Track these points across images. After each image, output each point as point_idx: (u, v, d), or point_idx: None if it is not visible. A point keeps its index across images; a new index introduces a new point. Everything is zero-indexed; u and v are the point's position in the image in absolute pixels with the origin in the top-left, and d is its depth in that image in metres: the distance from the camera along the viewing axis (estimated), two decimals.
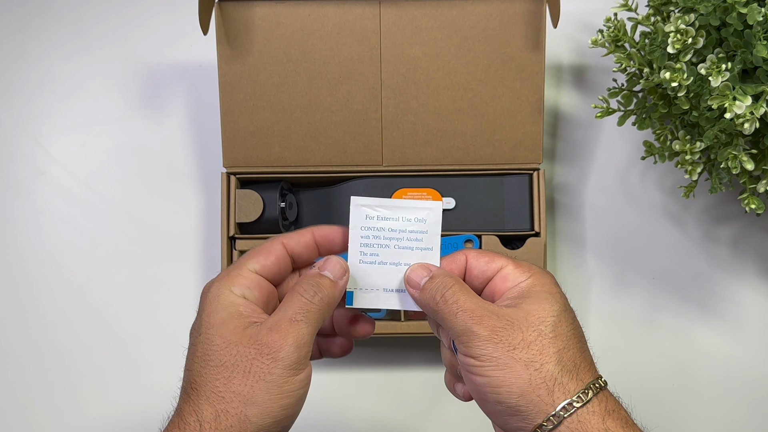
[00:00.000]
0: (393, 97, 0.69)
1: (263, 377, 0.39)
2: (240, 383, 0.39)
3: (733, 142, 0.61)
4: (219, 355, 0.40)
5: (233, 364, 0.40)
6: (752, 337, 0.74)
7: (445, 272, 0.44)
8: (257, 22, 0.67)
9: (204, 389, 0.40)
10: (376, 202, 0.46)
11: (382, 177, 0.71)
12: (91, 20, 0.79)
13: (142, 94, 0.78)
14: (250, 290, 0.43)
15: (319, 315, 0.42)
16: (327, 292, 0.42)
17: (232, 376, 0.40)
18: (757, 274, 0.75)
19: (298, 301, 0.41)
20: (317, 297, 0.42)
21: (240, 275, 0.43)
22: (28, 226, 0.77)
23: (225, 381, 0.40)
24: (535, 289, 0.43)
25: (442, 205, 0.46)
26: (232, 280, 0.43)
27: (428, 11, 0.67)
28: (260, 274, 0.43)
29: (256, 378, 0.39)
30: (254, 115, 0.69)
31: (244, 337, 0.40)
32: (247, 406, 0.39)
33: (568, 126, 0.77)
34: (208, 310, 0.42)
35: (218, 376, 0.40)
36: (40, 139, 0.78)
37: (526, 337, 0.40)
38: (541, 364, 0.40)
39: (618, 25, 0.64)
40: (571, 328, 0.42)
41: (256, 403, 0.39)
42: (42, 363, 0.75)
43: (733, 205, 0.76)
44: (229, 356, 0.40)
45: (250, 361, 0.40)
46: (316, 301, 0.42)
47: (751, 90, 0.56)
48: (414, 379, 0.74)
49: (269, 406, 0.39)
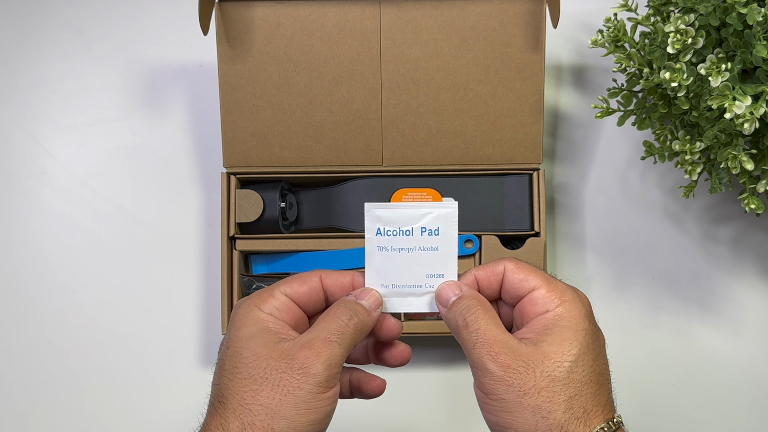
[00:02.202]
0: (393, 97, 0.69)
1: (292, 391, 0.40)
2: (268, 396, 0.40)
3: (733, 142, 0.61)
4: (248, 368, 0.40)
5: (262, 377, 0.40)
6: (752, 337, 0.75)
7: (472, 294, 0.44)
8: (257, 22, 0.67)
9: (231, 402, 0.40)
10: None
11: (382, 177, 0.71)
12: (91, 20, 0.79)
13: (143, 94, 0.78)
14: (279, 311, 0.43)
15: (352, 339, 0.42)
16: (362, 319, 0.43)
17: (260, 389, 0.40)
18: (757, 274, 0.75)
19: (333, 322, 0.42)
20: (353, 322, 0.42)
21: (271, 296, 0.44)
22: (28, 226, 0.77)
23: (253, 394, 0.40)
24: (560, 324, 0.42)
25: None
26: (262, 299, 0.44)
27: (428, 11, 0.67)
28: (291, 298, 0.44)
29: (285, 392, 0.40)
30: (254, 115, 0.69)
31: (274, 351, 0.41)
32: (274, 419, 0.39)
33: (568, 126, 0.77)
34: (236, 326, 0.43)
35: (246, 389, 0.40)
36: (41, 139, 0.78)
37: (537, 383, 0.40)
38: (549, 412, 0.40)
39: (618, 26, 0.64)
40: (589, 371, 0.41)
41: (283, 417, 0.39)
42: (42, 363, 0.75)
43: (733, 205, 0.76)
44: (258, 369, 0.40)
45: (280, 374, 0.40)
46: (351, 326, 0.42)
47: (750, 90, 0.56)
48: (414, 379, 0.74)
49: (297, 421, 0.39)
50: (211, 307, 0.75)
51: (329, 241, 0.69)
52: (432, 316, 0.73)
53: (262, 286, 0.72)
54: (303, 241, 0.69)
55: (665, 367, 0.74)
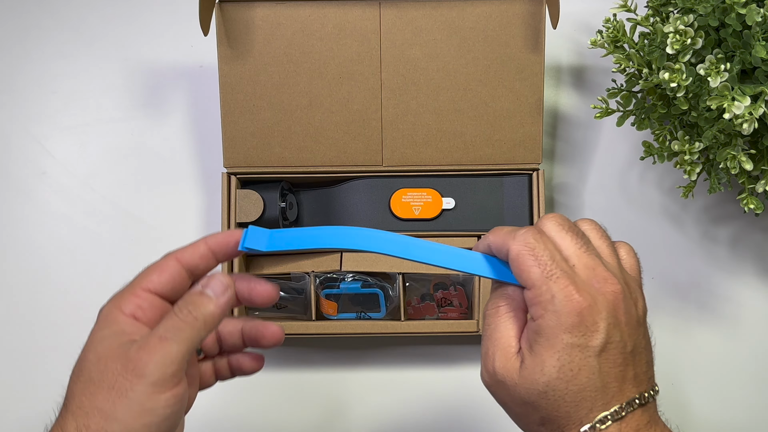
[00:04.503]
0: (393, 97, 0.69)
1: (125, 393, 0.39)
2: (103, 399, 0.39)
3: (732, 143, 0.61)
4: (88, 371, 0.40)
5: (99, 380, 0.39)
6: (751, 337, 0.75)
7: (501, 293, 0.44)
8: (257, 22, 0.68)
9: (71, 404, 0.40)
10: None
11: (382, 177, 0.71)
12: (92, 20, 0.79)
13: (143, 95, 0.78)
14: (142, 310, 0.42)
15: (194, 334, 0.40)
16: (204, 310, 0.41)
17: (97, 392, 0.39)
18: (756, 274, 0.75)
19: (170, 320, 0.41)
20: (191, 316, 0.41)
21: (132, 294, 0.42)
22: (28, 225, 0.77)
23: (90, 396, 0.39)
24: (539, 341, 0.41)
25: None
26: (124, 299, 0.42)
27: (428, 12, 0.68)
28: (154, 292, 0.43)
29: (118, 394, 0.39)
30: (255, 115, 0.69)
31: (115, 353, 0.40)
32: (108, 422, 0.38)
33: (567, 126, 0.77)
34: (94, 328, 0.42)
35: (85, 392, 0.40)
36: (41, 139, 0.78)
37: (512, 401, 0.43)
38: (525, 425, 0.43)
39: (617, 26, 0.64)
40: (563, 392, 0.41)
41: (117, 420, 0.38)
42: (42, 363, 0.75)
43: (732, 205, 0.76)
44: (96, 372, 0.40)
45: (116, 377, 0.39)
46: (189, 320, 0.40)
47: (749, 90, 0.57)
48: (414, 379, 0.74)
49: (130, 423, 0.38)
50: None
51: None
52: (432, 315, 0.73)
53: None
54: None
55: (664, 367, 0.74)
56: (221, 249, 0.45)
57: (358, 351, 0.75)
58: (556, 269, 0.41)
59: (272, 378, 0.75)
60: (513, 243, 0.42)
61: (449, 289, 0.73)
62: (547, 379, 0.40)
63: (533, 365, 0.41)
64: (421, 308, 0.73)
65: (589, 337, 0.40)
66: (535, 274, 0.41)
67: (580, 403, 0.40)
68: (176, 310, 0.41)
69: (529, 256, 0.41)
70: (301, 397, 0.75)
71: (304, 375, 0.75)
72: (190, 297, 0.42)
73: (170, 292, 0.43)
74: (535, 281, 0.41)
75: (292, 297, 0.73)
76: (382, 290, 0.71)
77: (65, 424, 0.39)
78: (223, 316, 0.42)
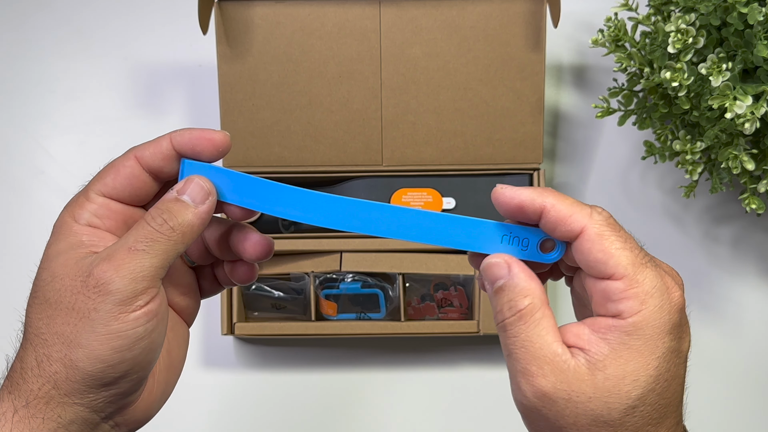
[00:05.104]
0: (393, 96, 0.69)
1: (88, 314, 0.33)
2: (62, 322, 0.34)
3: (734, 142, 0.61)
4: (43, 291, 0.35)
5: (56, 301, 0.34)
6: (752, 337, 0.74)
7: (520, 288, 0.34)
8: (257, 21, 0.67)
9: (29, 332, 0.35)
10: None
11: (382, 177, 0.70)
12: (91, 20, 0.79)
13: (142, 94, 0.78)
14: (99, 218, 0.36)
15: (171, 246, 0.35)
16: (182, 220, 0.35)
17: (55, 315, 0.34)
18: (758, 274, 0.75)
19: (143, 229, 0.35)
20: (166, 226, 0.35)
21: (87, 200, 0.36)
22: (27, 225, 0.76)
23: (48, 321, 0.34)
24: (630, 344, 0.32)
25: None
26: (78, 205, 0.36)
27: (428, 11, 0.67)
28: (109, 196, 0.37)
29: (80, 315, 0.33)
30: (254, 114, 0.69)
31: (73, 269, 0.34)
32: (71, 348, 0.33)
33: (568, 126, 0.77)
34: (48, 243, 0.36)
35: (41, 316, 0.35)
36: (40, 139, 0.78)
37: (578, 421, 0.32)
38: None
39: (618, 25, 0.64)
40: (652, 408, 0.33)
41: (80, 345, 0.33)
42: None
43: (734, 205, 0.76)
44: (52, 291, 0.34)
45: (75, 295, 0.34)
46: (165, 231, 0.34)
47: (751, 90, 0.56)
48: (414, 379, 0.74)
49: (96, 348, 0.33)
50: (210, 307, 0.74)
51: (329, 241, 0.69)
52: (432, 315, 0.72)
53: (262, 286, 0.72)
54: (302, 241, 0.69)
55: None
56: (190, 151, 0.37)
57: (357, 351, 0.75)
58: (646, 257, 0.34)
59: (272, 378, 0.75)
60: (591, 219, 0.34)
61: (449, 289, 0.72)
62: (641, 392, 0.32)
63: (621, 374, 0.32)
64: (421, 309, 0.73)
65: (682, 340, 0.34)
66: (627, 258, 0.33)
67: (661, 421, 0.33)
68: (148, 218, 0.35)
69: (617, 238, 0.34)
70: (302, 397, 0.75)
71: (304, 375, 0.75)
72: (164, 204, 0.35)
73: (129, 196, 0.37)
74: (628, 268, 0.33)
75: (292, 297, 0.73)
76: (382, 290, 0.71)
77: (25, 356, 0.35)
78: (204, 226, 0.36)
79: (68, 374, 0.33)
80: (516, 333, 0.33)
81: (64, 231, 0.36)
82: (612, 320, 0.33)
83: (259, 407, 0.75)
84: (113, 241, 0.35)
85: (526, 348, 0.33)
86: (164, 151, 0.37)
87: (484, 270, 0.36)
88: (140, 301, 0.34)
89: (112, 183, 0.37)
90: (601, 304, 0.34)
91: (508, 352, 0.34)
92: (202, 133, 0.37)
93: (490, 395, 0.74)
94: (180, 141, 0.37)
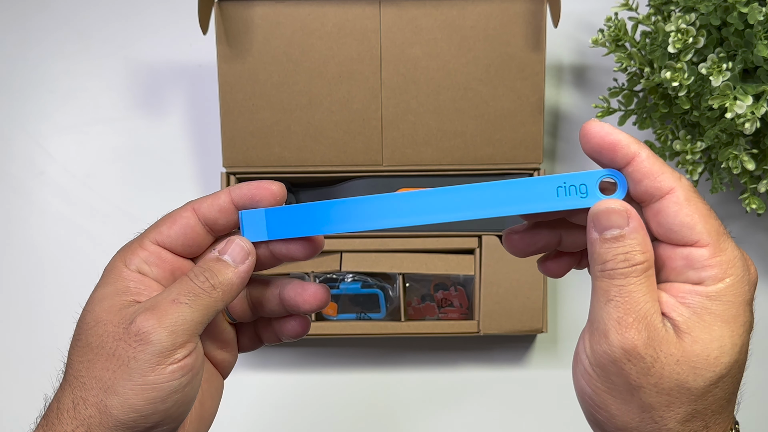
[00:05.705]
0: (393, 96, 0.69)
1: (127, 362, 0.34)
2: (102, 368, 0.34)
3: (734, 142, 0.61)
4: (86, 335, 0.35)
5: (98, 345, 0.34)
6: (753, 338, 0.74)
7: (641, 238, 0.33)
8: (257, 21, 0.67)
9: (69, 374, 0.36)
10: None
11: (382, 177, 0.70)
12: (91, 20, 0.79)
13: (142, 94, 0.78)
14: (149, 265, 0.37)
15: (211, 302, 0.35)
16: (222, 279, 0.36)
17: (95, 359, 0.34)
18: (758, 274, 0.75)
19: (186, 284, 0.35)
20: (207, 284, 0.36)
21: (140, 247, 0.37)
22: (27, 226, 0.76)
23: (88, 364, 0.34)
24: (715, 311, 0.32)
25: None
26: (131, 251, 0.37)
27: (428, 11, 0.67)
28: (162, 245, 0.38)
29: (119, 362, 0.34)
30: (254, 114, 0.69)
31: (117, 315, 0.35)
32: (107, 395, 0.34)
33: (568, 126, 0.77)
34: (96, 286, 0.37)
35: (82, 359, 0.35)
36: (40, 139, 0.78)
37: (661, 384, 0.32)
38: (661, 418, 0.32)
39: (619, 25, 0.64)
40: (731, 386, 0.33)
41: (116, 393, 0.34)
42: (42, 364, 0.75)
43: (734, 205, 0.75)
44: (95, 336, 0.35)
45: (116, 342, 0.34)
46: (206, 288, 0.35)
47: (751, 90, 0.56)
48: (414, 379, 0.74)
49: (131, 398, 0.33)
50: None
51: (329, 241, 0.69)
52: (432, 315, 0.72)
53: None
54: None
55: None
56: (249, 202, 0.38)
57: (357, 351, 0.75)
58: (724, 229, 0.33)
59: (272, 378, 0.75)
60: (680, 182, 0.33)
61: (449, 289, 0.72)
62: (729, 360, 0.32)
63: (708, 338, 0.32)
64: (421, 309, 0.73)
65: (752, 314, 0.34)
66: (713, 226, 0.32)
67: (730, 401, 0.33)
68: (191, 275, 0.36)
69: (704, 205, 0.33)
70: (302, 397, 0.74)
71: (304, 375, 0.75)
72: (206, 263, 0.36)
73: (182, 246, 0.38)
74: (713, 235, 0.32)
75: None
76: (382, 290, 0.71)
77: (62, 396, 0.35)
78: (243, 285, 0.37)
79: (102, 420, 0.34)
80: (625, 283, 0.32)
81: (113, 276, 0.37)
82: (692, 286, 0.32)
83: (259, 407, 0.75)
84: (158, 291, 0.36)
85: (630, 299, 0.32)
86: (222, 204, 0.38)
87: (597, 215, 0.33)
88: (178, 354, 0.34)
89: (167, 231, 0.38)
90: (679, 272, 0.33)
91: (608, 298, 0.33)
92: (261, 184, 0.38)
93: (491, 395, 0.74)
94: (239, 194, 0.38)
